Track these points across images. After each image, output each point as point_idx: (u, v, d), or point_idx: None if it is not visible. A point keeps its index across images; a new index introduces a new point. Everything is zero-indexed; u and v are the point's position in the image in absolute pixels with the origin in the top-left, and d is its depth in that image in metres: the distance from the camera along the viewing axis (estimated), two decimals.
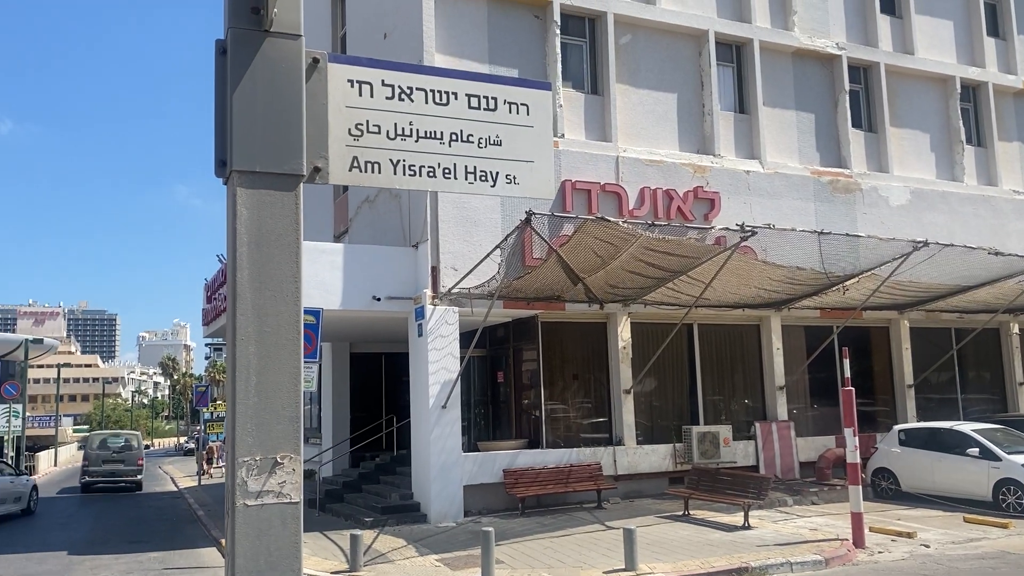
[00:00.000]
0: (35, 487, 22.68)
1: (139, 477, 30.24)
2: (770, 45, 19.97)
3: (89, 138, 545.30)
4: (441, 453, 15.46)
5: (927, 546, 12.47)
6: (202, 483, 29.33)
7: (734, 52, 19.92)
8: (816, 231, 15.64)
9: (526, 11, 17.61)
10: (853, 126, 20.82)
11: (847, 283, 16.69)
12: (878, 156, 21.21)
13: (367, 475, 19.20)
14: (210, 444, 36.46)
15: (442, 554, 12.41)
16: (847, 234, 16.50)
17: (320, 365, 20.86)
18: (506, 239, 14.31)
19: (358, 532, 12.18)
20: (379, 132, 2.86)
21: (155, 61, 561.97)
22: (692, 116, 19.04)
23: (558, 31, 17.53)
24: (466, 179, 2.97)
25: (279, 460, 2.51)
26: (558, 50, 17.47)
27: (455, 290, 15.59)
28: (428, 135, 2.94)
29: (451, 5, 16.79)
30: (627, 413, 17.42)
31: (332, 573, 11.54)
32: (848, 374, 13.10)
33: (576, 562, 11.54)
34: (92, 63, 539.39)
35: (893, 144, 21.36)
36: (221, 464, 38.20)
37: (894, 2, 22.16)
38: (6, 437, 35.15)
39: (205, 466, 33.54)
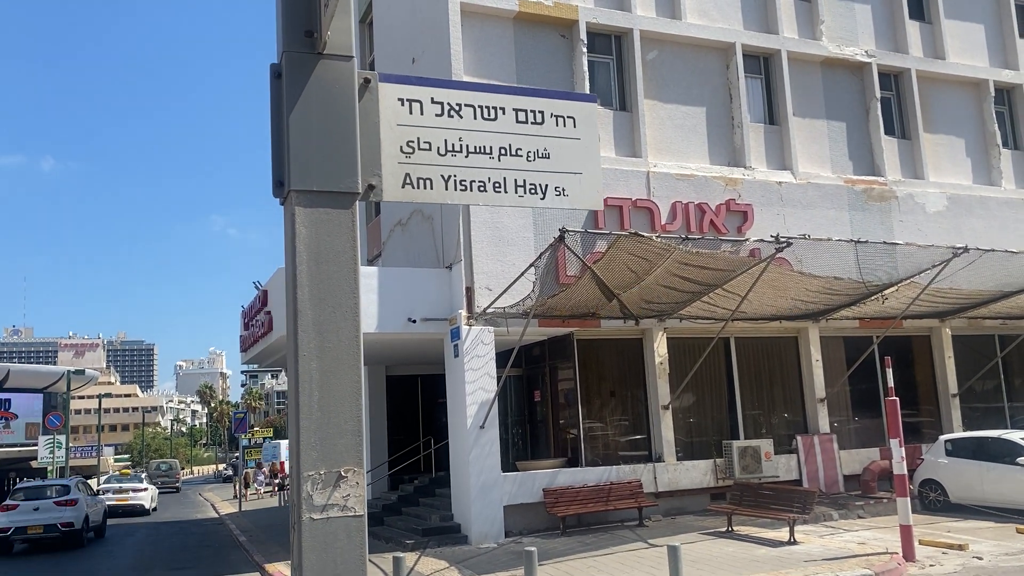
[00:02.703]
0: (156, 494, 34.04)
1: (178, 484, 53.46)
2: (798, 55, 19.90)
3: (128, 173, 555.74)
4: (480, 474, 15.44)
5: (980, 558, 12.19)
6: (243, 509, 29.55)
7: (762, 63, 19.87)
8: (852, 240, 15.47)
9: (552, 30, 17.73)
10: (886, 133, 20.63)
11: (886, 292, 16.46)
12: (913, 163, 20.99)
13: (407, 497, 19.22)
14: (245, 470, 37.20)
15: (485, 575, 12.37)
16: (884, 242, 16.32)
17: None
18: (540, 257, 14.33)
19: (400, 555, 12.15)
20: (430, 149, 2.91)
21: (192, 97, 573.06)
22: (722, 129, 19.00)
23: (584, 49, 17.62)
24: (516, 192, 3.00)
25: (343, 474, 2.54)
26: (585, 68, 17.55)
27: (490, 310, 15.63)
28: (478, 150, 2.98)
29: (478, 27, 16.97)
30: (666, 429, 17.28)
31: None
32: (891, 384, 12.90)
33: None
34: (130, 100, 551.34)
35: (928, 150, 21.12)
36: (257, 488, 38.94)
37: (923, 7, 22.00)
38: (50, 467, 35.70)
39: (244, 490, 34.04)
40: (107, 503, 27.05)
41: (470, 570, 12.79)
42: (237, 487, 34.52)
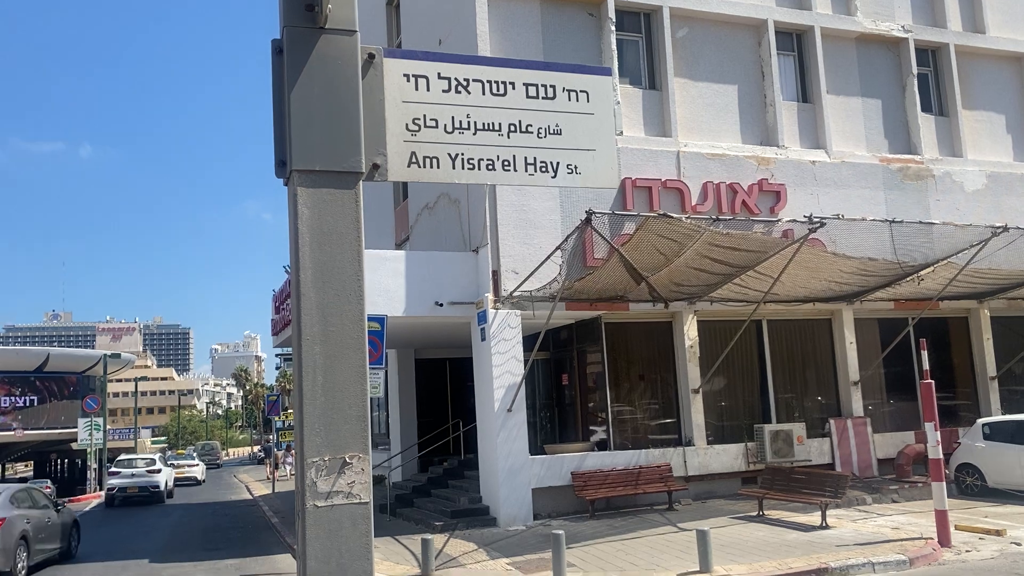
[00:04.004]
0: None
1: (219, 461, 68.14)
2: (832, 31, 19.45)
3: (164, 159, 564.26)
4: (508, 456, 15.43)
5: (1018, 544, 11.92)
6: (276, 490, 29.93)
7: (794, 40, 19.46)
8: (887, 220, 15.15)
9: (580, 9, 17.50)
10: (923, 110, 20.13)
11: (922, 273, 16.12)
12: (950, 140, 20.48)
13: (436, 479, 19.29)
14: (275, 452, 38.22)
15: (513, 557, 12.36)
16: (920, 222, 15.96)
17: (386, 371, 21.07)
18: (566, 240, 14.21)
19: (429, 536, 12.22)
20: (436, 126, 2.82)
21: (226, 82, 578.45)
22: (754, 107, 18.66)
23: (613, 27, 17.37)
24: (526, 171, 2.90)
25: (348, 460, 2.48)
26: (614, 47, 17.31)
27: (516, 293, 15.55)
28: (486, 127, 2.87)
29: (505, 7, 16.79)
30: (696, 413, 17.12)
31: None
32: (927, 366, 12.63)
33: (649, 564, 11.36)
34: (167, 87, 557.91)
35: (966, 127, 20.59)
36: (287, 469, 39.75)
37: None
38: (89, 449, 36.43)
39: (275, 472, 34.80)
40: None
41: (498, 552, 12.79)
42: (269, 469, 35.62)
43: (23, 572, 13.53)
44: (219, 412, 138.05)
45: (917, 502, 15.48)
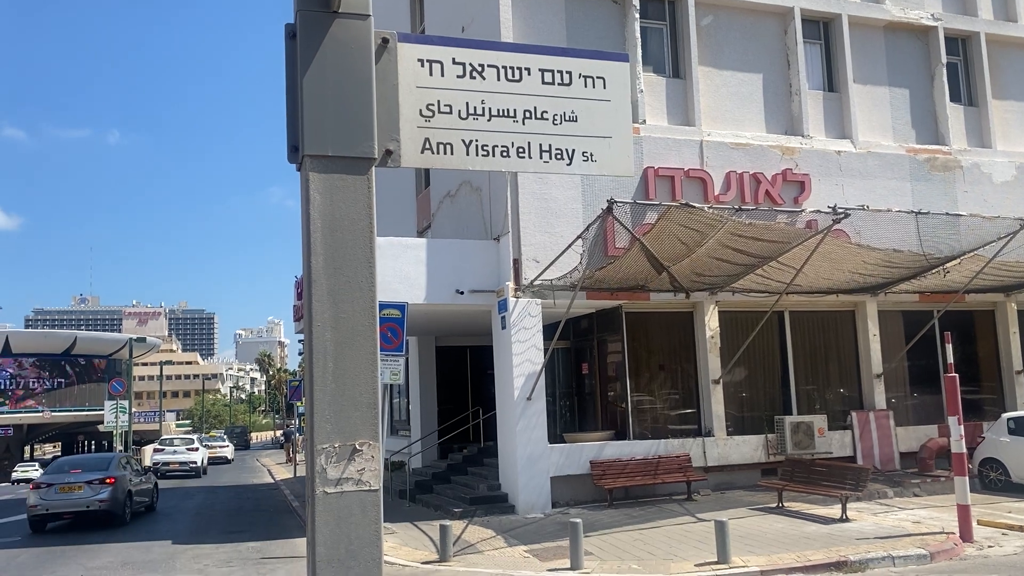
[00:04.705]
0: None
1: (248, 442, 77.69)
2: (859, 19, 19.17)
3: (190, 146, 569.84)
4: (527, 445, 15.45)
5: None
6: (297, 475, 30.21)
7: (821, 28, 19.20)
8: (913, 211, 14.94)
9: None
10: (951, 100, 19.80)
11: (948, 265, 15.89)
12: (979, 131, 20.14)
13: (455, 466, 19.37)
14: (296, 436, 39.07)
15: (531, 545, 12.39)
16: (947, 213, 15.74)
17: (407, 359, 21.14)
18: (587, 229, 14.14)
19: (447, 523, 12.27)
20: (451, 112, 2.79)
21: (251, 69, 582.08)
22: (779, 96, 18.45)
23: (637, 15, 17.22)
24: (541, 158, 2.87)
25: (358, 447, 2.48)
26: (638, 34, 17.16)
27: (537, 282, 15.52)
28: (501, 113, 2.84)
29: None
30: (716, 404, 17.03)
31: (423, 563, 11.66)
32: (951, 360, 12.46)
33: (667, 554, 11.34)
34: (193, 75, 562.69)
35: (996, 118, 20.24)
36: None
37: None
38: (115, 432, 36.94)
39: (294, 456, 35.39)
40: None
41: (516, 540, 12.83)
42: (291, 453, 36.47)
43: (129, 517, 18.37)
44: (242, 397, 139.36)
45: (939, 496, 15.32)
